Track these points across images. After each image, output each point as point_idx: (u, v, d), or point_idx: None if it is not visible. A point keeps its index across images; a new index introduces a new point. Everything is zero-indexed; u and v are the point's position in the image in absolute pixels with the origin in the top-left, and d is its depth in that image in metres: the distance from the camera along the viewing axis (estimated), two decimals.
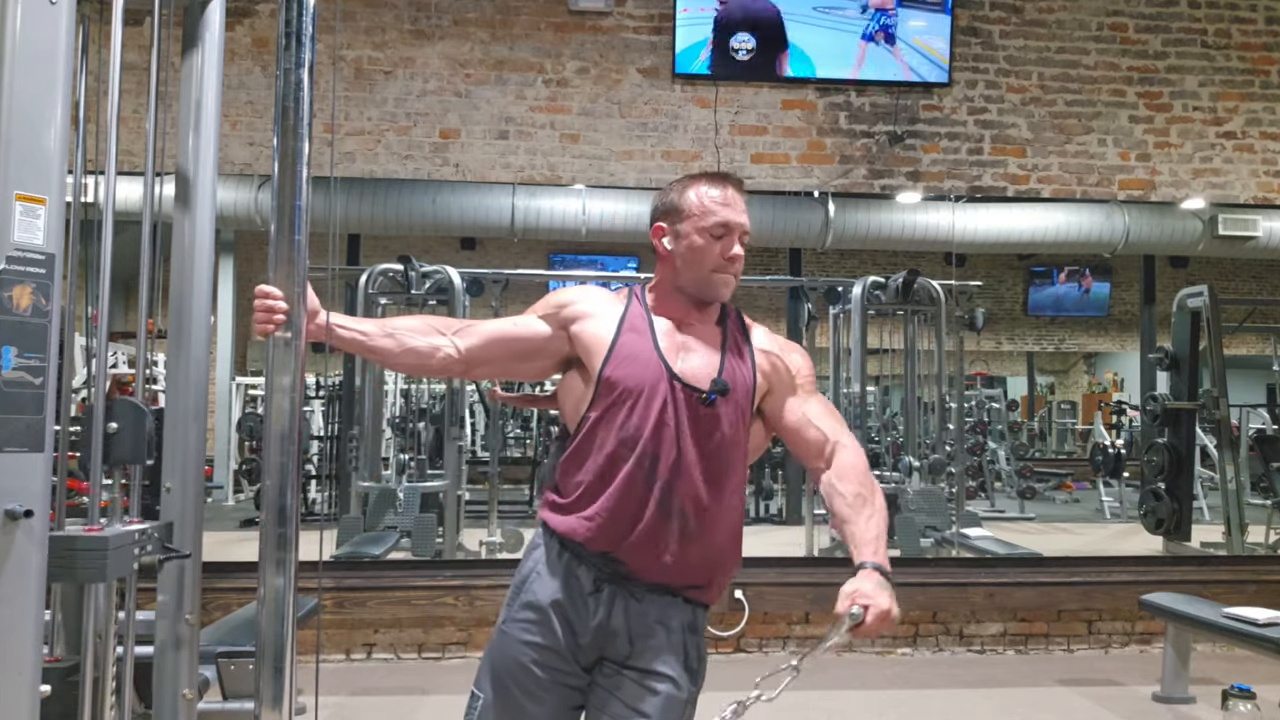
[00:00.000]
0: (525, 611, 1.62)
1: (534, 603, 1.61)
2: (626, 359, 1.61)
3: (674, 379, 1.60)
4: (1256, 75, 4.68)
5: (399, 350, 1.65)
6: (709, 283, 1.65)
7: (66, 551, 1.61)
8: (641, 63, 4.45)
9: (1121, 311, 8.89)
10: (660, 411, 1.58)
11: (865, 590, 1.45)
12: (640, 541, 1.57)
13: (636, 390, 1.59)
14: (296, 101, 1.64)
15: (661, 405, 1.58)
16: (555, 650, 1.58)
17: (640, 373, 1.59)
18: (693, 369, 1.62)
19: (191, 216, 1.88)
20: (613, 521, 1.57)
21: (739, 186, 1.71)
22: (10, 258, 1.48)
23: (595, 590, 1.59)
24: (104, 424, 1.71)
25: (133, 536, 1.70)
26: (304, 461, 7.22)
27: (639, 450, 1.57)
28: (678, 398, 1.59)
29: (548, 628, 1.59)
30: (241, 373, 9.41)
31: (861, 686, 3.93)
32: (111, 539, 1.65)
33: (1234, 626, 3.36)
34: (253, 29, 4.32)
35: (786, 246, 7.12)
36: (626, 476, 1.57)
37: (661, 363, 1.61)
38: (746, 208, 1.69)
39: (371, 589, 4.12)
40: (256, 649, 1.63)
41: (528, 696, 1.58)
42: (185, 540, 1.84)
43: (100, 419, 1.71)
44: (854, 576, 1.48)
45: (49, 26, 1.54)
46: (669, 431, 1.57)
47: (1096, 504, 8.78)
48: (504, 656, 1.61)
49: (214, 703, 2.43)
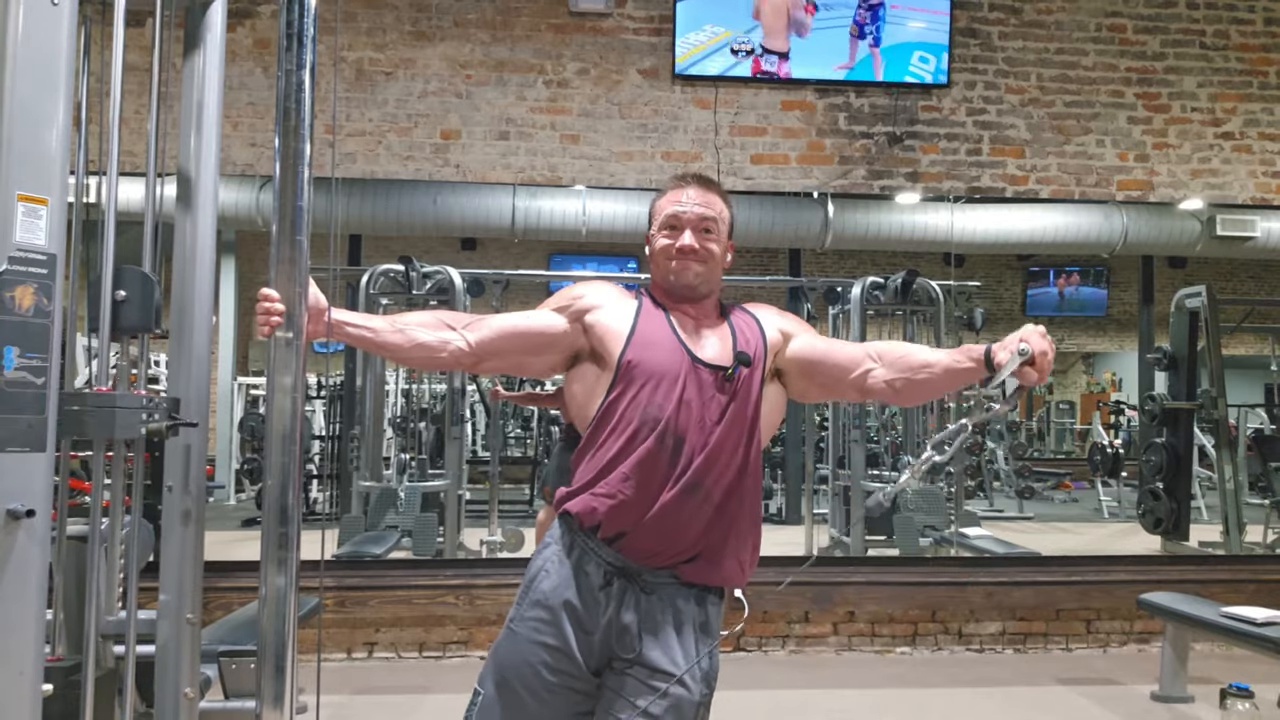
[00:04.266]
0: (535, 610, 1.62)
1: (543, 601, 1.61)
2: (648, 344, 1.65)
3: (696, 361, 1.64)
4: (1255, 76, 4.69)
5: (408, 345, 1.67)
6: (669, 274, 1.71)
7: (75, 409, 1.65)
8: (641, 64, 4.46)
9: (1120, 311, 8.89)
10: (683, 391, 1.61)
11: (1024, 333, 1.50)
12: (657, 519, 1.57)
13: (659, 372, 1.62)
14: (298, 102, 1.65)
15: (683, 386, 1.61)
16: (565, 652, 1.58)
17: (662, 356, 1.63)
18: (711, 351, 1.66)
19: (193, 217, 1.89)
20: (634, 499, 1.58)
21: (703, 184, 1.74)
22: (12, 258, 1.49)
23: (605, 584, 1.59)
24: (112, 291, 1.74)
25: (140, 401, 1.74)
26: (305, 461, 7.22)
27: (661, 428, 1.59)
28: (701, 378, 1.62)
29: (558, 628, 1.59)
30: (243, 372, 9.41)
31: (861, 685, 3.94)
32: (120, 398, 1.71)
33: (1232, 626, 3.36)
34: (254, 30, 4.33)
35: (786, 247, 7.13)
36: (648, 454, 1.58)
37: (682, 346, 1.65)
38: (716, 202, 1.72)
39: (373, 588, 4.13)
40: (258, 648, 1.63)
41: (532, 696, 1.58)
42: (186, 540, 1.85)
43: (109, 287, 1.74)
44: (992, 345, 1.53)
45: (51, 27, 1.55)
46: (692, 411, 1.60)
47: (1095, 504, 8.79)
48: (513, 656, 1.61)
49: (216, 702, 2.44)
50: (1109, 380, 13.86)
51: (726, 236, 1.74)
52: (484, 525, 6.01)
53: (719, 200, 1.73)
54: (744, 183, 4.49)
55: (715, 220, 1.70)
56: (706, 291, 1.72)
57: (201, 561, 1.87)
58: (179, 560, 1.84)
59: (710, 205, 1.71)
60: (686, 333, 1.68)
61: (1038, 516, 8.30)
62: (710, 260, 1.70)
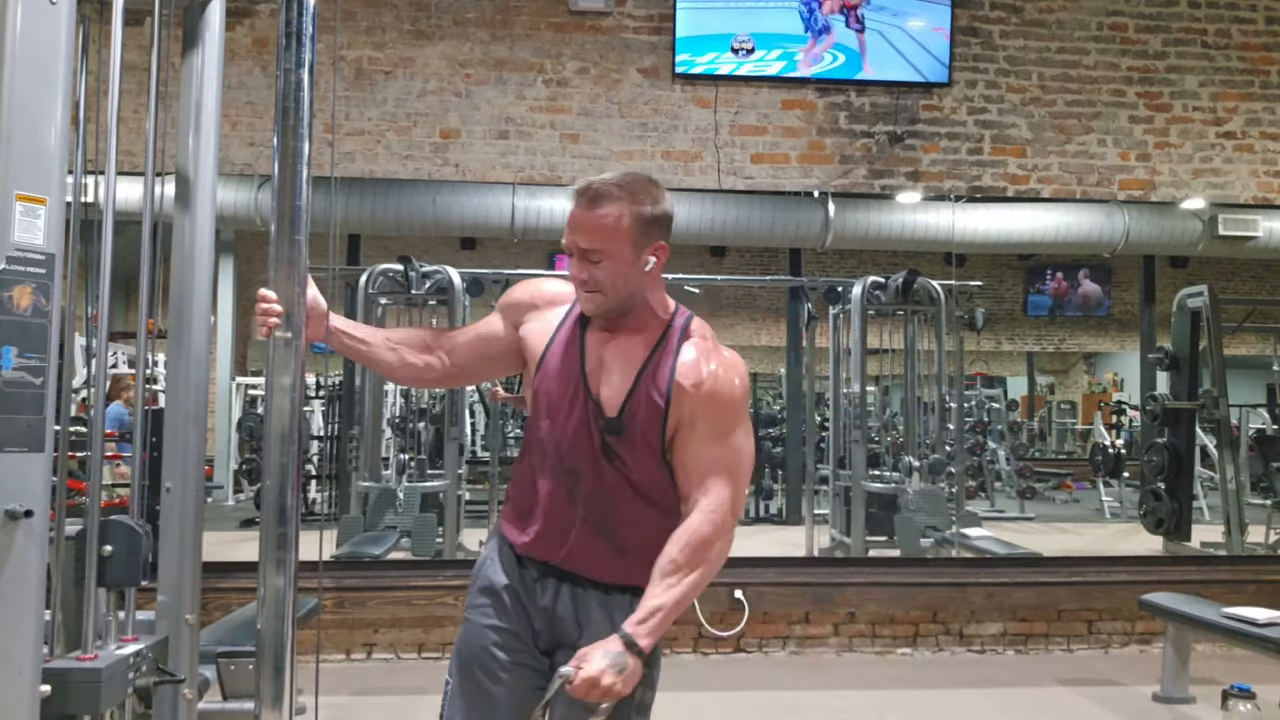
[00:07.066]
0: (482, 596, 1.65)
1: (489, 587, 1.64)
2: (551, 374, 1.60)
3: (589, 397, 1.56)
4: (1256, 75, 4.68)
5: (398, 364, 1.70)
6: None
7: (60, 683, 1.57)
8: (641, 63, 4.45)
9: (1121, 311, 8.89)
10: (577, 428, 1.55)
11: (590, 654, 1.41)
12: (575, 555, 1.58)
13: (557, 405, 1.57)
14: (297, 102, 1.64)
15: (579, 422, 1.55)
16: (514, 632, 1.60)
17: (562, 389, 1.58)
18: (608, 389, 1.55)
19: (191, 216, 1.89)
20: (546, 538, 1.59)
21: (590, 201, 1.51)
22: (10, 258, 1.48)
23: (539, 578, 1.61)
24: (98, 546, 1.70)
25: (127, 661, 1.68)
26: (304, 461, 7.22)
27: (562, 467, 1.57)
28: (591, 416, 1.55)
29: (503, 609, 1.61)
30: (242, 373, 9.41)
31: (862, 686, 3.93)
32: (105, 670, 1.63)
33: (1234, 626, 3.36)
34: (253, 29, 4.32)
35: (786, 246, 7.13)
36: (552, 493, 1.58)
37: (582, 379, 1.57)
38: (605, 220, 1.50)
39: (371, 589, 4.12)
40: (257, 649, 1.63)
41: (490, 678, 1.60)
42: (185, 541, 1.84)
43: (94, 541, 1.70)
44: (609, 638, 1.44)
45: (49, 26, 1.54)
46: (586, 449, 1.55)
47: (1096, 504, 8.78)
48: (467, 642, 1.64)
49: (214, 703, 2.44)
50: (1110, 380, 13.86)
51: (633, 246, 1.51)
52: (483, 525, 6.01)
53: (612, 214, 1.49)
54: (744, 182, 4.48)
55: (598, 250, 1.50)
56: (620, 312, 1.57)
57: (200, 562, 1.87)
58: (177, 561, 1.83)
59: (595, 230, 1.50)
60: (593, 361, 1.57)
61: (1039, 517, 8.30)
62: (602, 288, 1.53)
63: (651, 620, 1.44)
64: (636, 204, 1.51)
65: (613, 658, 1.40)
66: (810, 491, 6.37)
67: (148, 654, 1.75)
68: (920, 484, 5.82)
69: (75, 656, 1.67)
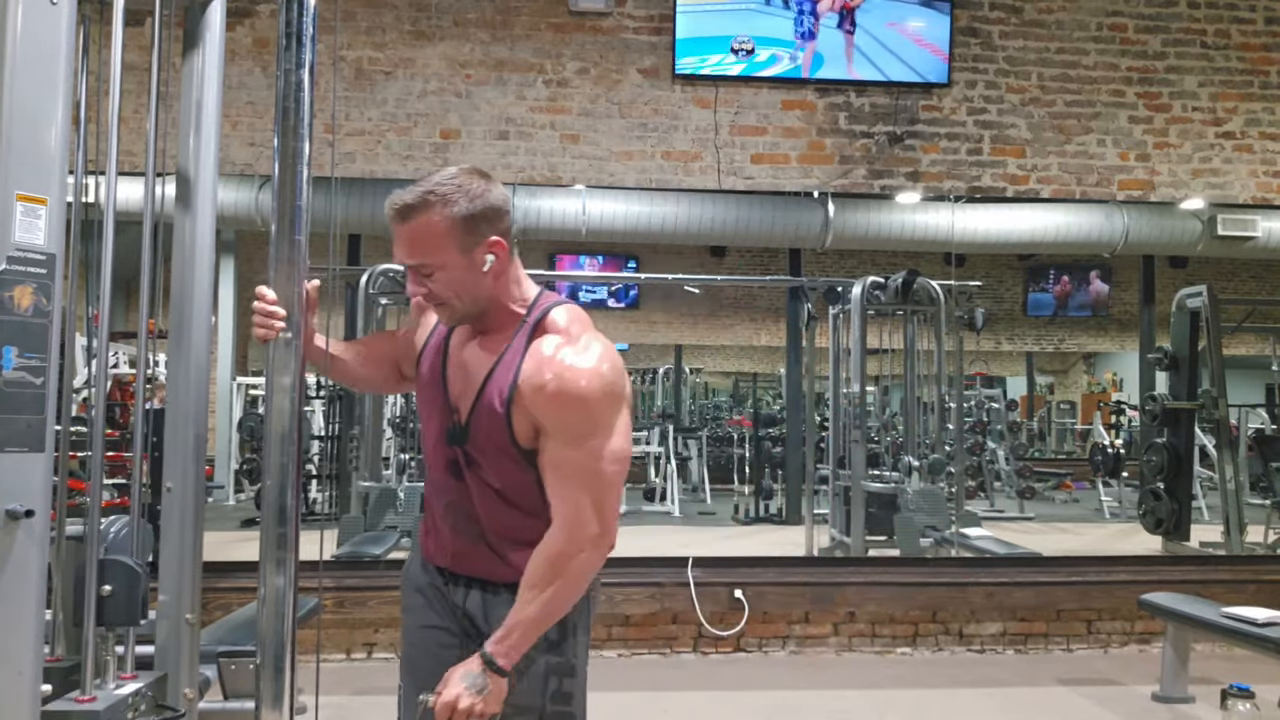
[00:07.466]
0: (412, 596, 1.68)
1: (414, 586, 1.67)
2: (424, 381, 1.64)
3: (447, 403, 1.56)
4: (1256, 75, 4.68)
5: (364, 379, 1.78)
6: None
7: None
8: (641, 63, 4.45)
9: (1121, 311, 8.89)
10: (439, 435, 1.57)
11: (450, 677, 1.43)
12: (460, 561, 1.59)
13: (429, 413, 1.61)
14: (297, 102, 1.65)
15: (440, 429, 1.57)
16: (444, 629, 1.61)
17: (429, 396, 1.61)
18: (462, 398, 1.53)
19: (192, 216, 1.88)
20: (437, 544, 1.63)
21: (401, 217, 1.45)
22: (11, 258, 1.48)
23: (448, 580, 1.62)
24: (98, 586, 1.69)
25: (126, 701, 1.67)
26: (304, 461, 7.22)
27: (435, 474, 1.60)
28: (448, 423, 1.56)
29: (432, 608, 1.63)
30: (242, 372, 9.41)
31: (862, 686, 3.94)
32: (104, 712, 1.61)
33: (1233, 626, 3.36)
34: (253, 29, 4.32)
35: (786, 246, 7.14)
36: (433, 500, 1.63)
37: (442, 385, 1.58)
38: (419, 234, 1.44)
39: (372, 588, 4.12)
40: (257, 648, 1.63)
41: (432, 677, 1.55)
42: (186, 540, 1.84)
43: (94, 582, 1.69)
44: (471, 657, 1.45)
45: (50, 26, 1.54)
46: (447, 457, 1.56)
47: (1096, 504, 8.79)
48: (409, 642, 1.67)
49: (215, 702, 2.44)
50: (1110, 380, 13.87)
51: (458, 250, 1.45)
52: None
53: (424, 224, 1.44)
54: (744, 182, 4.48)
55: (425, 264, 1.46)
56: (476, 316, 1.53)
57: (200, 562, 1.87)
58: (178, 561, 1.83)
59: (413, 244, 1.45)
60: (454, 366, 1.57)
61: (1038, 517, 8.30)
62: (443, 299, 1.49)
63: (510, 639, 1.43)
64: (448, 206, 1.43)
65: (471, 679, 1.42)
66: (810, 491, 6.37)
67: (146, 693, 1.73)
68: (920, 484, 5.82)
69: (74, 698, 1.64)
